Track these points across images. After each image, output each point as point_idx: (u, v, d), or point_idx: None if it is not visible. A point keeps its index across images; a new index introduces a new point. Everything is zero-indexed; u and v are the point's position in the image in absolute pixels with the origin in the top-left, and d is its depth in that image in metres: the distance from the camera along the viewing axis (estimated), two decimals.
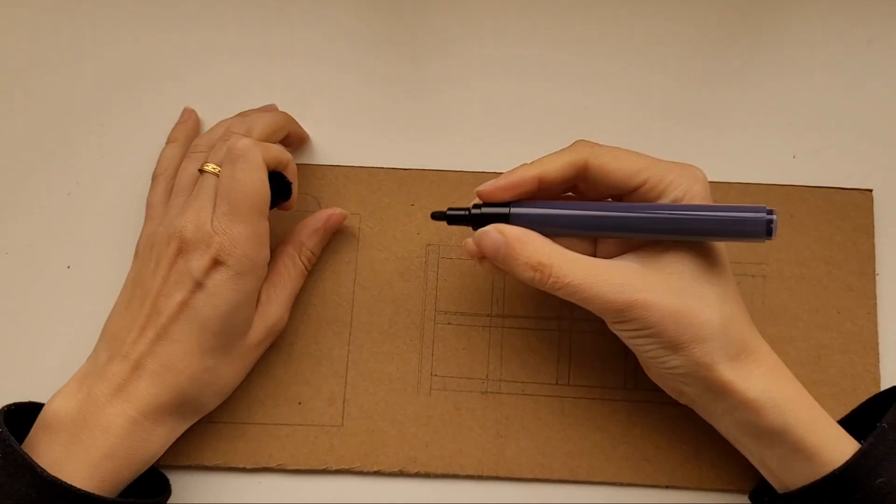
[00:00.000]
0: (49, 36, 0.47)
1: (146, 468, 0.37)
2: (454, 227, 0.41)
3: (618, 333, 0.36)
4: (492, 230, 0.35)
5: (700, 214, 0.34)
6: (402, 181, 0.44)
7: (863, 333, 0.41)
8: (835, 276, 0.42)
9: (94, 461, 0.34)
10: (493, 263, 0.36)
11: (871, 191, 0.43)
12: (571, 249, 0.35)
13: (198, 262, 0.36)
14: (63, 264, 0.43)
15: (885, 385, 0.41)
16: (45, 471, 0.33)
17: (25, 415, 0.36)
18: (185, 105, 0.46)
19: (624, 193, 0.36)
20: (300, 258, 0.41)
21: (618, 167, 0.35)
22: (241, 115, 0.43)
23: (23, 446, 0.35)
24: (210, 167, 0.38)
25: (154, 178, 0.42)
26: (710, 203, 0.35)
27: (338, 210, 0.42)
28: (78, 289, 0.43)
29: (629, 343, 0.36)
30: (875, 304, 0.42)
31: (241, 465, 0.40)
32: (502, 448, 0.41)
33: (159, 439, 0.37)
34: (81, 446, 0.35)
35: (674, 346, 0.34)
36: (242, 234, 0.36)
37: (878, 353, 0.41)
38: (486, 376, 0.42)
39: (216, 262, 0.36)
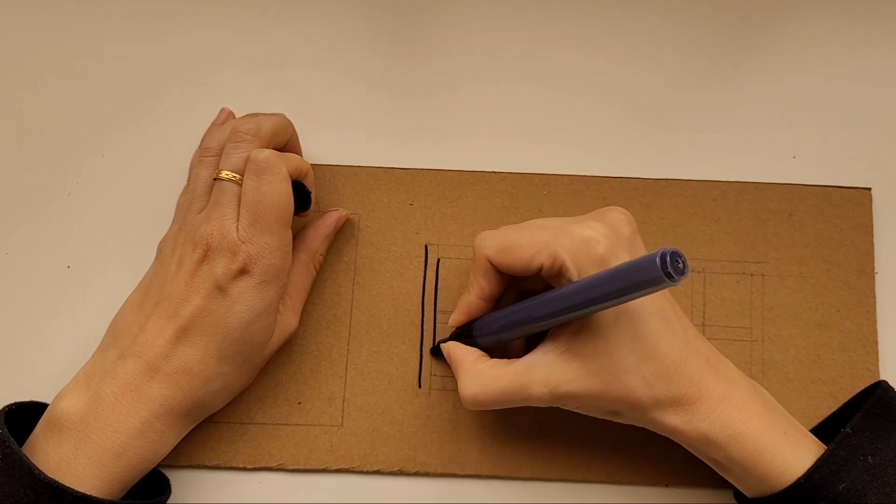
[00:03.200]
0: (50, 36, 0.47)
1: (151, 468, 0.37)
2: (453, 228, 0.43)
3: None
4: (445, 348, 0.39)
5: (587, 287, 0.31)
6: (400, 181, 0.44)
7: (862, 332, 0.41)
8: (834, 275, 0.42)
9: (103, 460, 0.35)
10: None
11: (869, 189, 0.43)
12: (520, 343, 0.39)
13: (223, 270, 0.36)
14: (63, 264, 0.43)
15: None
16: (42, 473, 0.32)
17: (26, 415, 0.36)
18: (184, 107, 0.46)
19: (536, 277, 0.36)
20: (314, 265, 0.42)
21: (513, 260, 0.35)
22: (246, 116, 0.43)
23: (26, 445, 0.35)
24: (226, 175, 0.38)
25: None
26: (628, 255, 0.34)
27: (343, 211, 0.43)
28: (78, 289, 0.43)
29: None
30: (874, 303, 0.42)
31: (241, 465, 0.40)
32: (501, 447, 0.40)
33: (168, 440, 0.37)
34: (91, 445, 0.35)
35: (613, 412, 0.36)
36: (270, 244, 0.37)
37: (877, 352, 0.41)
38: None
39: (242, 272, 0.36)
